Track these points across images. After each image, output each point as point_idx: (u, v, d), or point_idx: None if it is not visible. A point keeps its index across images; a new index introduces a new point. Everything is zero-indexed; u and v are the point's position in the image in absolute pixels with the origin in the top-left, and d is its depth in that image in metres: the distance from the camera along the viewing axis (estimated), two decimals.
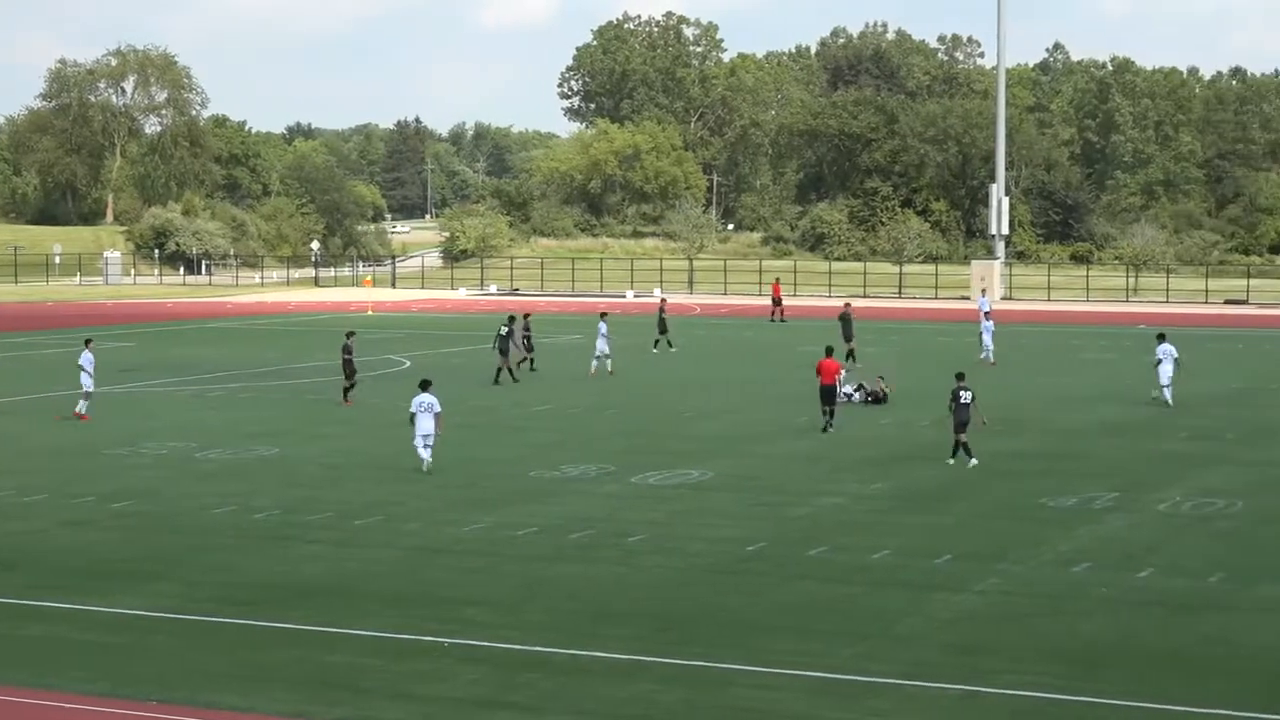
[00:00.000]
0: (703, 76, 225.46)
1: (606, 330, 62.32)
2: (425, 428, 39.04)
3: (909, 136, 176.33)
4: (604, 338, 62.09)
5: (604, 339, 62.05)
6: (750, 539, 31.05)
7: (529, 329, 63.46)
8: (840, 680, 21.97)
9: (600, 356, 61.78)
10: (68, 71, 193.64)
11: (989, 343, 66.79)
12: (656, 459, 40.97)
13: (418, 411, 39.19)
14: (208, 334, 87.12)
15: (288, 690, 21.57)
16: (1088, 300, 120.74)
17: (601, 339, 62.11)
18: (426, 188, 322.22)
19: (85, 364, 49.72)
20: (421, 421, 39.09)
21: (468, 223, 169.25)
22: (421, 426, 39.07)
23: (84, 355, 50.06)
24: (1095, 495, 35.66)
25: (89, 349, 50.62)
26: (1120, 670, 22.30)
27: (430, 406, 39.10)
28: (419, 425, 39.12)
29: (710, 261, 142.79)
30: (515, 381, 58.31)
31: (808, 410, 48.87)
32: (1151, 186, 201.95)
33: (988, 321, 67.59)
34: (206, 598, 26.55)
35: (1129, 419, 49.36)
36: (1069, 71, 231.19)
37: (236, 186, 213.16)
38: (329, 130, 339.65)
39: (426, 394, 39.40)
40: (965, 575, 27.92)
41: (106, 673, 22.40)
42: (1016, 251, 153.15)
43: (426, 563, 29.30)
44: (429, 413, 39.10)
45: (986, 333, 66.97)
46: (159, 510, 34.45)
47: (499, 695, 21.41)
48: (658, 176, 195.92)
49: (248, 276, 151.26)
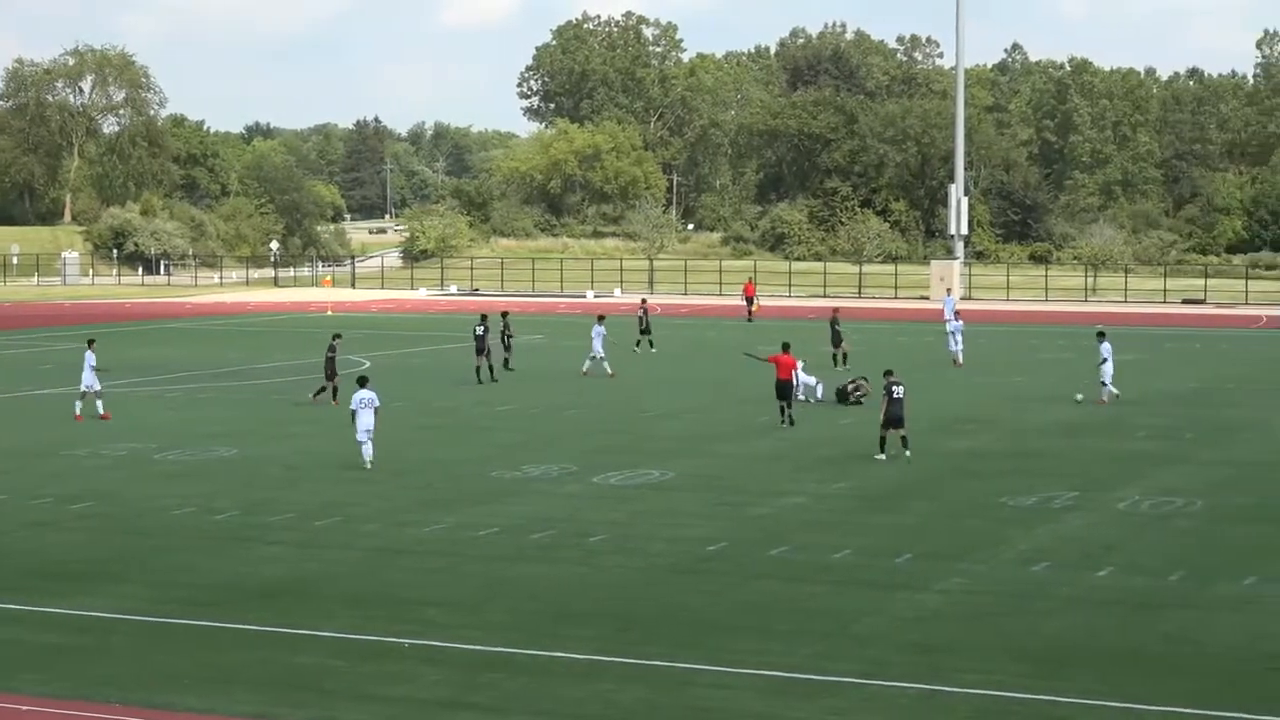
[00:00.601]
0: (662, 76, 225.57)
1: (605, 331, 62.01)
2: (367, 423, 39.73)
3: (868, 137, 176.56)
4: (601, 339, 61.58)
5: (600, 340, 61.52)
6: (711, 539, 31.08)
7: (509, 327, 63.25)
8: (800, 679, 22.01)
9: (595, 358, 61.42)
10: (25, 71, 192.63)
11: (955, 345, 66.54)
12: (618, 459, 40.98)
13: (359, 408, 39.91)
14: (166, 334, 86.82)
15: (249, 692, 21.52)
16: (1046, 300, 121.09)
17: (598, 340, 61.55)
18: (386, 188, 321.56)
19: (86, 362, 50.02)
20: (363, 417, 39.76)
21: (427, 223, 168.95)
22: (363, 422, 39.74)
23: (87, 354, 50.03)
24: (1055, 494, 35.79)
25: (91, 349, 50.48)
26: (1081, 669, 22.38)
27: (370, 402, 39.90)
28: (360, 421, 39.78)
29: (670, 261, 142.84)
30: (494, 381, 58.22)
31: (769, 410, 48.93)
32: (1110, 186, 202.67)
33: (957, 322, 67.76)
34: (167, 599, 26.47)
35: (1087, 418, 49.54)
36: (1027, 72, 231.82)
37: (195, 186, 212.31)
38: (288, 130, 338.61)
39: (366, 390, 40.16)
40: (926, 574, 28.00)
41: (66, 674, 22.31)
42: (975, 251, 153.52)
43: (387, 563, 29.26)
44: (369, 408, 39.82)
45: (956, 333, 66.78)
46: (119, 511, 34.33)
47: (461, 696, 21.40)
48: (618, 176, 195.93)
49: (206, 277, 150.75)
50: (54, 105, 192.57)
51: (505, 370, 61.20)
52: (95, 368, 49.80)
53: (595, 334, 61.92)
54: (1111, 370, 53.16)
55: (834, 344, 65.74)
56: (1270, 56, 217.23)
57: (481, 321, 60.07)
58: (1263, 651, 23.33)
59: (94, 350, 50.68)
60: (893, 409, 40.99)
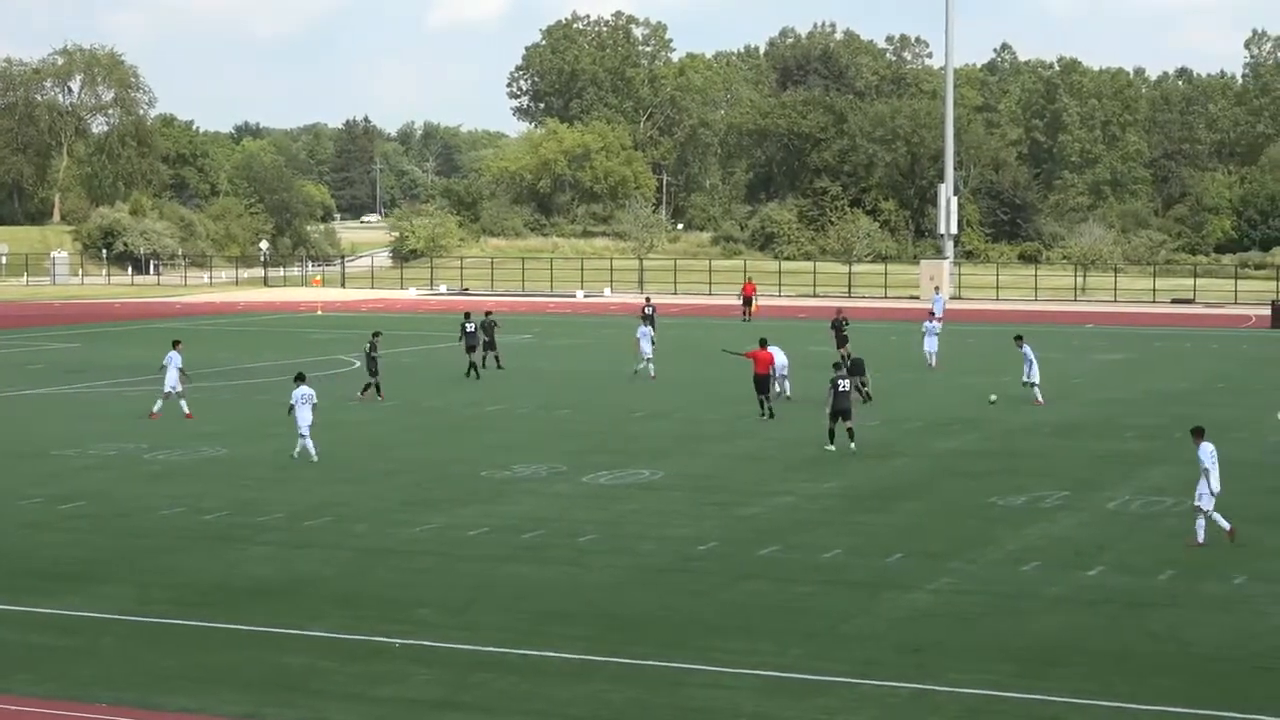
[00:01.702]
0: (652, 76, 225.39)
1: (652, 331, 61.43)
2: (306, 418, 40.76)
3: (858, 136, 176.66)
4: (647, 339, 60.71)
5: (647, 340, 60.64)
6: (701, 538, 31.09)
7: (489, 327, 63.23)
8: (791, 679, 22.02)
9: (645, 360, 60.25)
10: (13, 70, 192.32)
11: (931, 346, 65.25)
12: (608, 459, 40.99)
13: (297, 404, 41.01)
14: (156, 334, 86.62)
15: (239, 692, 21.51)
16: (1036, 300, 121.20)
17: (645, 340, 60.52)
18: (376, 187, 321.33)
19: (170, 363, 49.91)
20: (302, 412, 40.81)
21: (417, 222, 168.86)
22: (303, 417, 40.76)
23: (170, 354, 49.46)
24: (1044, 494, 35.83)
25: (177, 350, 50.10)
26: (1070, 668, 22.41)
27: (310, 398, 40.99)
28: (300, 417, 40.80)
29: (660, 261, 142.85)
30: (477, 379, 58.38)
31: (756, 409, 49.00)
32: (1099, 186, 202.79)
33: (933, 323, 66.80)
34: (157, 599, 26.46)
35: (1077, 418, 49.59)
36: (1016, 72, 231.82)
37: (184, 186, 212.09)
38: (277, 130, 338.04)
39: (304, 386, 41.25)
40: (916, 574, 28.02)
41: (56, 675, 22.30)
42: (965, 251, 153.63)
43: (377, 563, 29.25)
44: (308, 404, 40.94)
45: (931, 334, 65.56)
46: (108, 512, 34.30)
47: (451, 696, 21.40)
48: (607, 176, 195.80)
49: (196, 276, 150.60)
50: (43, 105, 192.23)
51: (497, 369, 61.28)
52: (181, 369, 49.44)
53: (641, 334, 60.95)
54: (1038, 372, 53.12)
55: (838, 346, 64.77)
56: (1259, 56, 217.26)
57: (468, 319, 60.07)
58: (1251, 650, 23.37)
59: (180, 351, 50.10)
60: (839, 401, 42.11)
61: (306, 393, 40.98)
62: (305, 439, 40.76)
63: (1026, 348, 53.51)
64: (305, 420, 40.68)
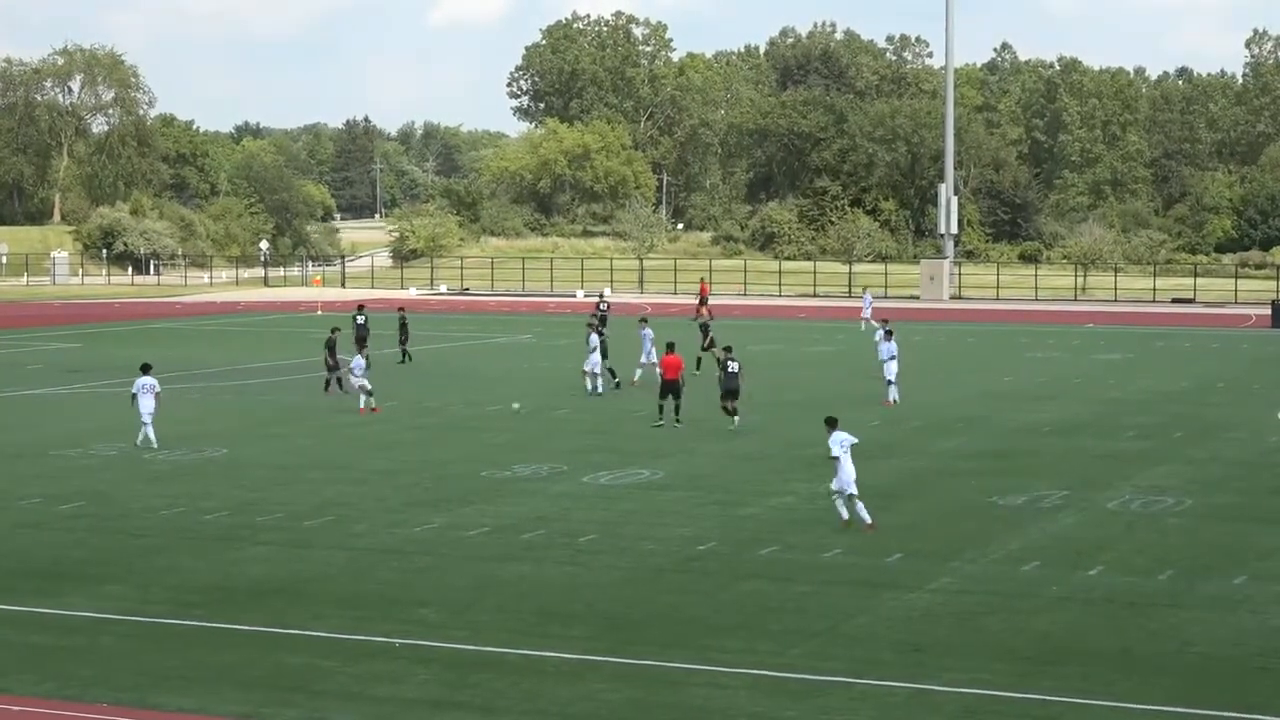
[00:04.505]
0: (652, 76, 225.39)
1: (653, 333, 58.80)
2: (148, 406, 43.10)
3: (858, 136, 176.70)
4: (650, 340, 58.22)
5: (650, 342, 58.15)
6: (701, 538, 31.09)
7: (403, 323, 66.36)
8: (791, 679, 22.02)
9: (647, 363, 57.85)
10: (13, 70, 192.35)
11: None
12: (608, 458, 40.98)
13: (139, 393, 43.23)
14: (156, 334, 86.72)
15: (239, 692, 21.51)
16: (1036, 300, 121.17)
17: (648, 342, 58.25)
18: (376, 187, 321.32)
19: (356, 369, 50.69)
20: (144, 401, 43.11)
21: (417, 222, 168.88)
22: (145, 405, 43.07)
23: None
24: (1045, 494, 35.81)
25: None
26: (1071, 668, 22.40)
27: (151, 387, 43.40)
28: (142, 405, 43.08)
29: (660, 261, 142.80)
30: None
31: (757, 409, 48.98)
32: (1099, 186, 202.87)
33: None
34: (157, 599, 26.46)
35: (1078, 418, 49.58)
36: (1016, 71, 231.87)
37: (184, 186, 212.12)
38: (277, 130, 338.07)
39: (148, 376, 43.58)
40: (916, 573, 28.01)
41: (56, 675, 22.30)
42: (965, 251, 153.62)
43: (377, 563, 29.24)
44: (150, 393, 43.29)
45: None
46: (108, 512, 34.30)
47: (450, 695, 21.40)
48: (607, 176, 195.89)
49: (196, 276, 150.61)
50: (43, 105, 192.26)
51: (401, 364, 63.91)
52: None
53: (644, 336, 58.75)
54: (896, 369, 52.92)
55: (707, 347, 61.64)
56: (1259, 56, 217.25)
57: (360, 311, 60.99)
58: (1251, 650, 23.36)
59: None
60: (728, 382, 46.03)
61: (149, 382, 43.34)
62: (147, 426, 42.90)
63: (892, 343, 53.17)
64: (146, 408, 42.99)
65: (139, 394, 43.20)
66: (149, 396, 43.19)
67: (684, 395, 47.36)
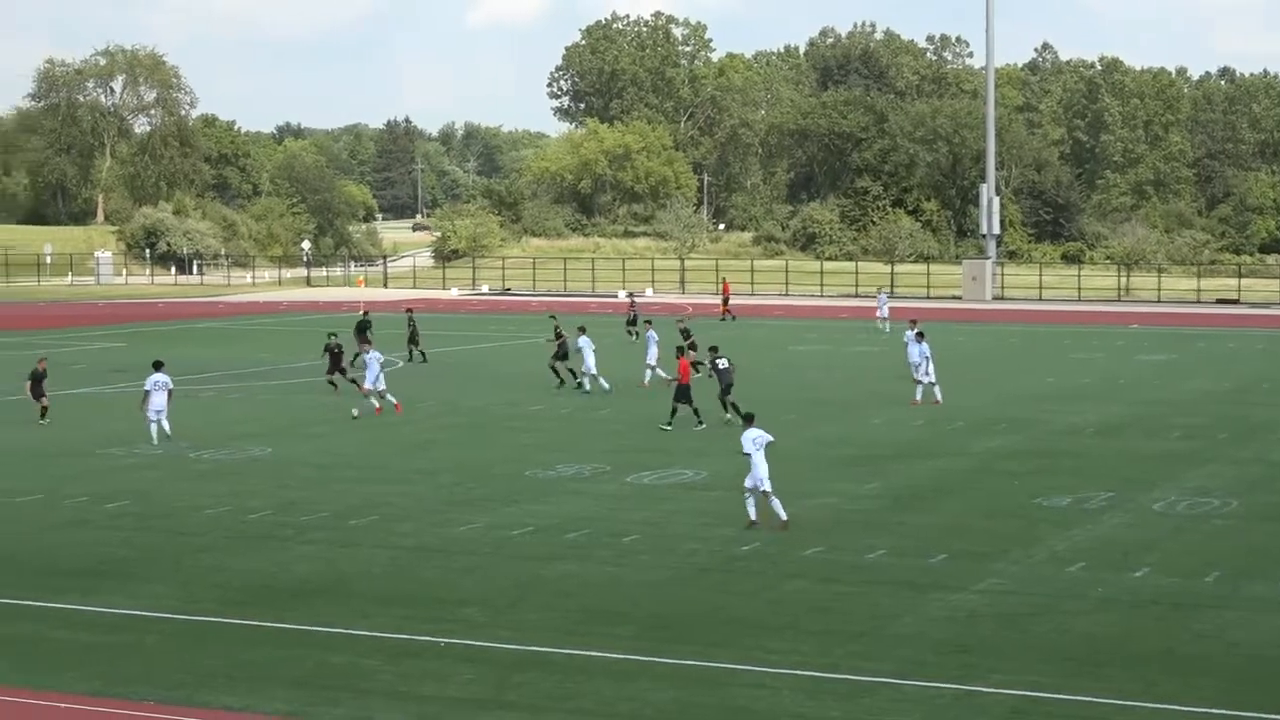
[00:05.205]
0: (692, 76, 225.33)
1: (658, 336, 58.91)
2: (159, 404, 43.94)
3: (899, 136, 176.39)
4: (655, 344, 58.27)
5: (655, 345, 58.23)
6: (744, 538, 31.05)
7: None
8: (835, 679, 21.97)
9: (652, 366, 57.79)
10: (56, 71, 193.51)
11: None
12: (651, 458, 40.95)
13: (151, 389, 44.07)
14: (199, 334, 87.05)
15: (285, 690, 21.56)
16: (1079, 300, 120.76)
17: (653, 345, 58.18)
18: (417, 187, 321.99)
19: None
20: (155, 398, 43.95)
21: (458, 223, 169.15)
22: (155, 403, 43.91)
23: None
24: (1090, 494, 35.66)
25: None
26: (1116, 669, 22.30)
27: (165, 384, 44.24)
28: (152, 402, 43.92)
29: (702, 261, 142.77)
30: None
31: (797, 409, 48.97)
32: (1141, 186, 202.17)
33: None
34: (202, 598, 26.54)
35: (1122, 418, 49.38)
36: (1058, 71, 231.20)
37: (226, 186, 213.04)
38: (319, 130, 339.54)
39: (160, 374, 44.44)
40: (960, 574, 27.92)
41: (102, 673, 22.38)
42: (1008, 251, 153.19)
43: (422, 562, 29.28)
44: (163, 390, 44.13)
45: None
46: (153, 511, 34.42)
47: (496, 695, 21.40)
48: (648, 176, 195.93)
49: (239, 276, 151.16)
50: (86, 105, 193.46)
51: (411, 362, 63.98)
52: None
53: (649, 339, 58.79)
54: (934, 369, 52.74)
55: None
56: None
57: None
58: None
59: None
60: (724, 378, 47.32)
61: (162, 379, 44.19)
62: (154, 422, 43.71)
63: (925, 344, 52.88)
64: (156, 405, 43.82)
65: (151, 391, 44.04)
66: (161, 393, 44.03)
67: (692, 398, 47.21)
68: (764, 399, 54.24)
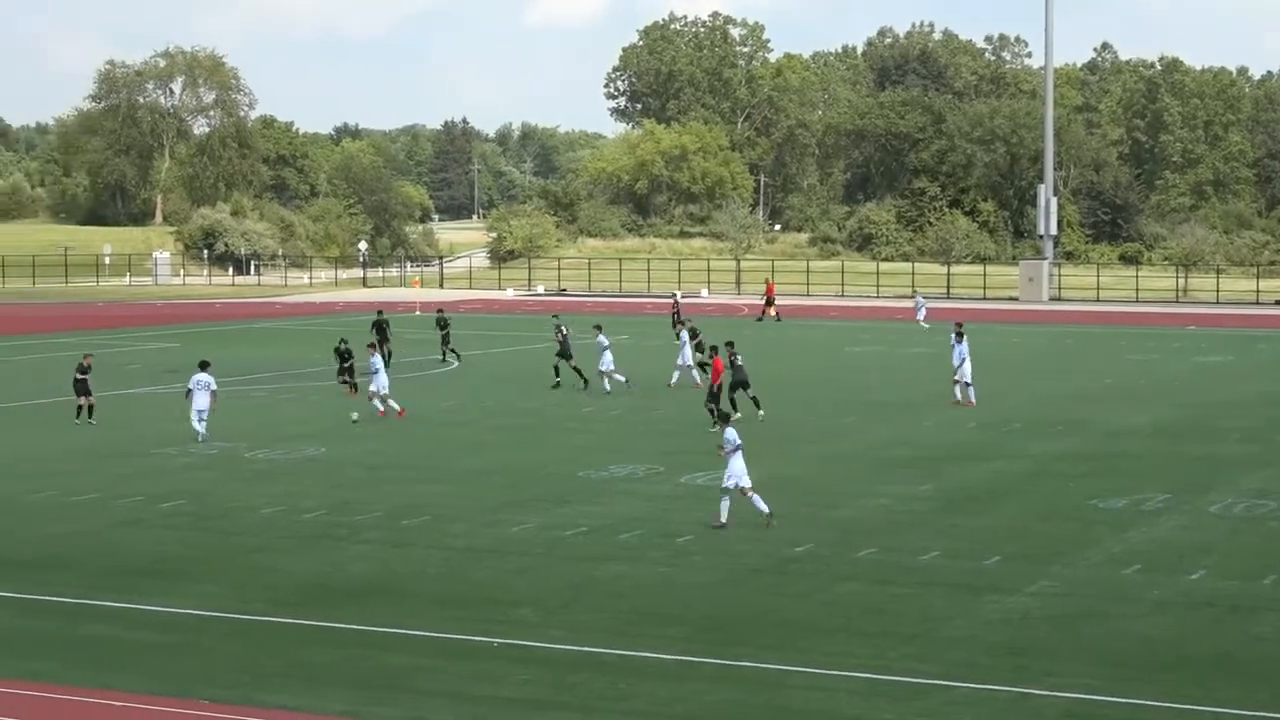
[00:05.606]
0: (749, 77, 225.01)
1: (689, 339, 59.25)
2: (202, 403, 44.39)
3: (956, 136, 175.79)
4: (688, 346, 58.64)
5: (688, 348, 58.57)
6: (797, 540, 30.99)
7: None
8: (888, 681, 21.91)
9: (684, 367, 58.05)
10: (116, 73, 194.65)
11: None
12: (703, 459, 40.81)
13: (195, 389, 44.55)
14: (256, 334, 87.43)
15: (340, 690, 21.63)
16: (1137, 301, 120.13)
17: (686, 347, 58.56)
18: (474, 188, 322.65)
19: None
20: (199, 397, 44.43)
21: (514, 223, 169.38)
22: (198, 402, 44.38)
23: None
24: (1146, 496, 35.48)
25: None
26: (1172, 673, 22.18)
27: (208, 384, 44.61)
28: (196, 401, 44.38)
29: (758, 262, 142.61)
30: None
31: (852, 411, 48.90)
32: (1201, 186, 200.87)
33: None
34: (257, 598, 26.64)
35: (1178, 420, 49.12)
36: (1117, 71, 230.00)
37: (284, 187, 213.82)
38: (376, 131, 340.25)
39: (205, 373, 44.92)
40: (1015, 577, 27.81)
41: (157, 672, 22.49)
42: (1065, 252, 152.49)
43: (475, 563, 29.33)
44: (205, 390, 44.51)
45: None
46: (208, 510, 34.58)
47: (549, 695, 21.41)
48: (704, 177, 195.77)
49: (296, 277, 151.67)
50: (145, 107, 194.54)
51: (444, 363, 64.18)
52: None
53: (684, 340, 59.20)
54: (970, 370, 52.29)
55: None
56: None
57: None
58: None
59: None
60: (737, 374, 47.19)
61: (206, 379, 44.66)
62: (196, 421, 44.07)
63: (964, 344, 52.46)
64: (199, 405, 44.26)
65: (194, 390, 44.47)
66: (204, 394, 44.41)
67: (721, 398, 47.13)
68: (820, 400, 54.27)
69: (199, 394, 44.38)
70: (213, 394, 44.69)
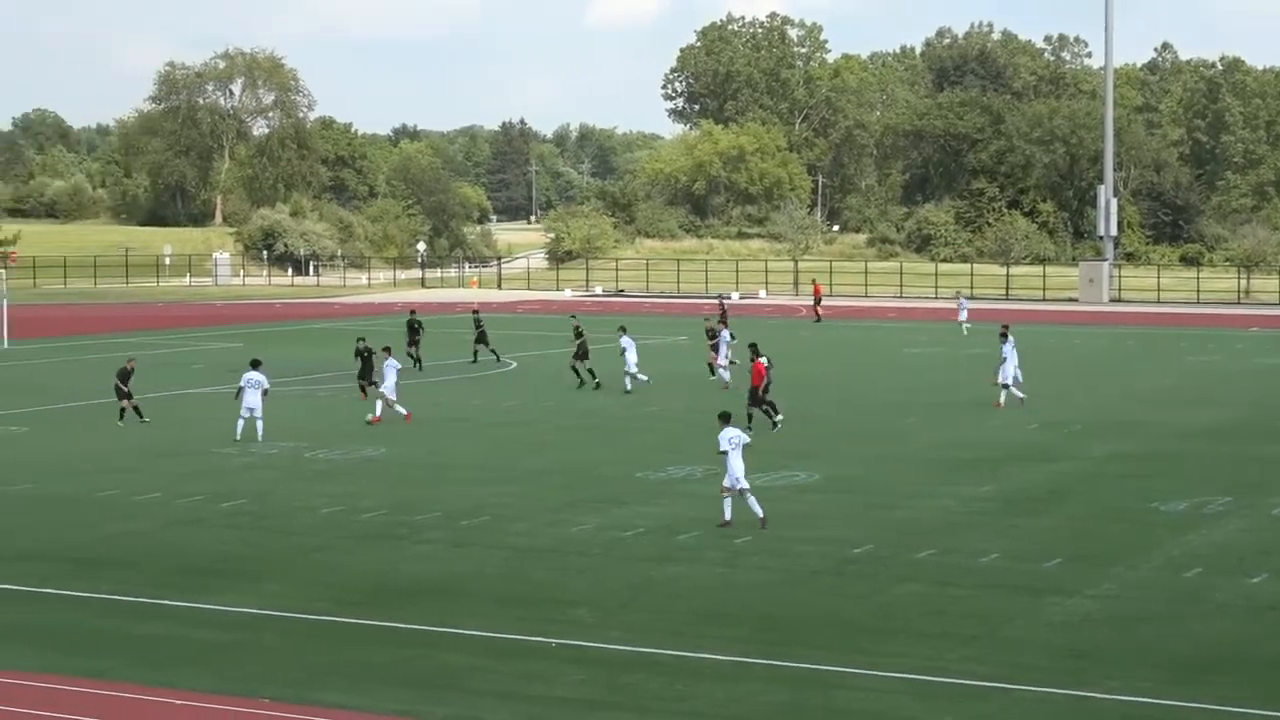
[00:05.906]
0: (807, 77, 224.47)
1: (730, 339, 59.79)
2: (252, 402, 44.36)
3: (1015, 137, 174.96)
4: (727, 345, 59.21)
5: (727, 346, 59.14)
6: (856, 541, 30.95)
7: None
8: (946, 683, 21.85)
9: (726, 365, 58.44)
10: (177, 74, 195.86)
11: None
12: (762, 460, 40.71)
13: (246, 387, 44.60)
14: (315, 334, 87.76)
15: (397, 689, 21.71)
16: (1198, 303, 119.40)
17: (724, 346, 59.18)
18: (531, 189, 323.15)
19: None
20: (249, 396, 44.41)
21: (572, 224, 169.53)
22: (248, 400, 44.38)
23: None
24: (1207, 499, 35.27)
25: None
26: (1233, 676, 22.05)
27: (260, 383, 44.65)
28: (246, 399, 44.38)
29: (815, 263, 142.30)
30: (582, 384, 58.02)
31: (911, 412, 48.76)
32: (1263, 187, 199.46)
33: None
34: (317, 597, 26.76)
35: (1241, 422, 48.82)
36: (1177, 71, 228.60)
37: (343, 188, 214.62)
38: (434, 132, 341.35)
39: (256, 372, 44.92)
40: (1075, 579, 27.70)
41: (218, 670, 22.62)
42: (1125, 253, 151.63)
43: (534, 563, 29.38)
44: (257, 389, 44.53)
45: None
46: (269, 510, 34.75)
47: (605, 696, 21.44)
48: (762, 178, 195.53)
49: (354, 277, 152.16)
50: (205, 108, 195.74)
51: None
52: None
53: (722, 340, 59.63)
54: (1012, 370, 51.92)
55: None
56: None
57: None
58: None
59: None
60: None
61: (257, 378, 44.68)
62: (243, 420, 44.19)
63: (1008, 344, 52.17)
64: (249, 402, 44.25)
65: (245, 388, 44.52)
66: (255, 392, 44.43)
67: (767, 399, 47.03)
68: (879, 401, 54.13)
69: (249, 392, 44.53)
70: (264, 393, 44.83)
